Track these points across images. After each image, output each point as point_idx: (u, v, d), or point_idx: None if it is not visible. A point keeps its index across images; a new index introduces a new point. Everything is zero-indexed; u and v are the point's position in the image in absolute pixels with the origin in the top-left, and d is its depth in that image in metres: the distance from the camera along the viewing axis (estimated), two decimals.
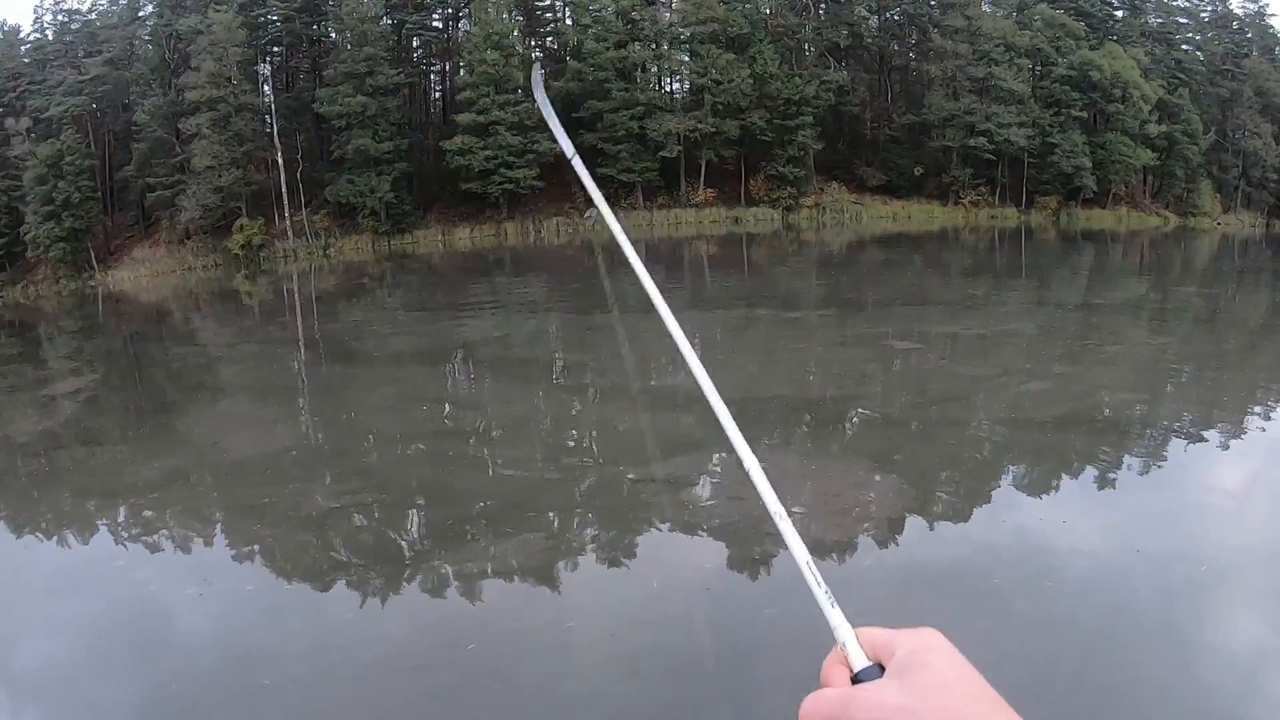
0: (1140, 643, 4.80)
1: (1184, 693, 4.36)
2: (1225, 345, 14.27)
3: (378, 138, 43.03)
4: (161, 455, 9.65)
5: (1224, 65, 57.10)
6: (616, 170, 44.89)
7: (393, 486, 8.11)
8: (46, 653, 5.36)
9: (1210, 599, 5.31)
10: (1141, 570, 5.67)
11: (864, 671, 0.79)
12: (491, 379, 13.36)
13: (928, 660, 0.73)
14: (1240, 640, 4.82)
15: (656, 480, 7.36)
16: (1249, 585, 5.50)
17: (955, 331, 15.01)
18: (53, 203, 42.05)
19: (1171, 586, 5.45)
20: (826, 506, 6.92)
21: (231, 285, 35.08)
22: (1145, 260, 33.17)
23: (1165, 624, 5.00)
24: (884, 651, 0.79)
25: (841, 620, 0.85)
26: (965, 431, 9.05)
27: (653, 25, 47.35)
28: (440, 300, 24.69)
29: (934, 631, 0.77)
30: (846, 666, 0.81)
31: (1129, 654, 4.69)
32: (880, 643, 0.80)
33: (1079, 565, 5.76)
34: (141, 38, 49.69)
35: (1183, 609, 5.16)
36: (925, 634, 0.77)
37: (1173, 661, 4.63)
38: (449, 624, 5.47)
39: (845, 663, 0.81)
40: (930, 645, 0.75)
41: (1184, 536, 6.29)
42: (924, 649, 0.75)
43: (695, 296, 22.35)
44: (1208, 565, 5.74)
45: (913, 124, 49.66)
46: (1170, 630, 4.93)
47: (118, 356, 19.99)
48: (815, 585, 0.91)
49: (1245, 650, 4.72)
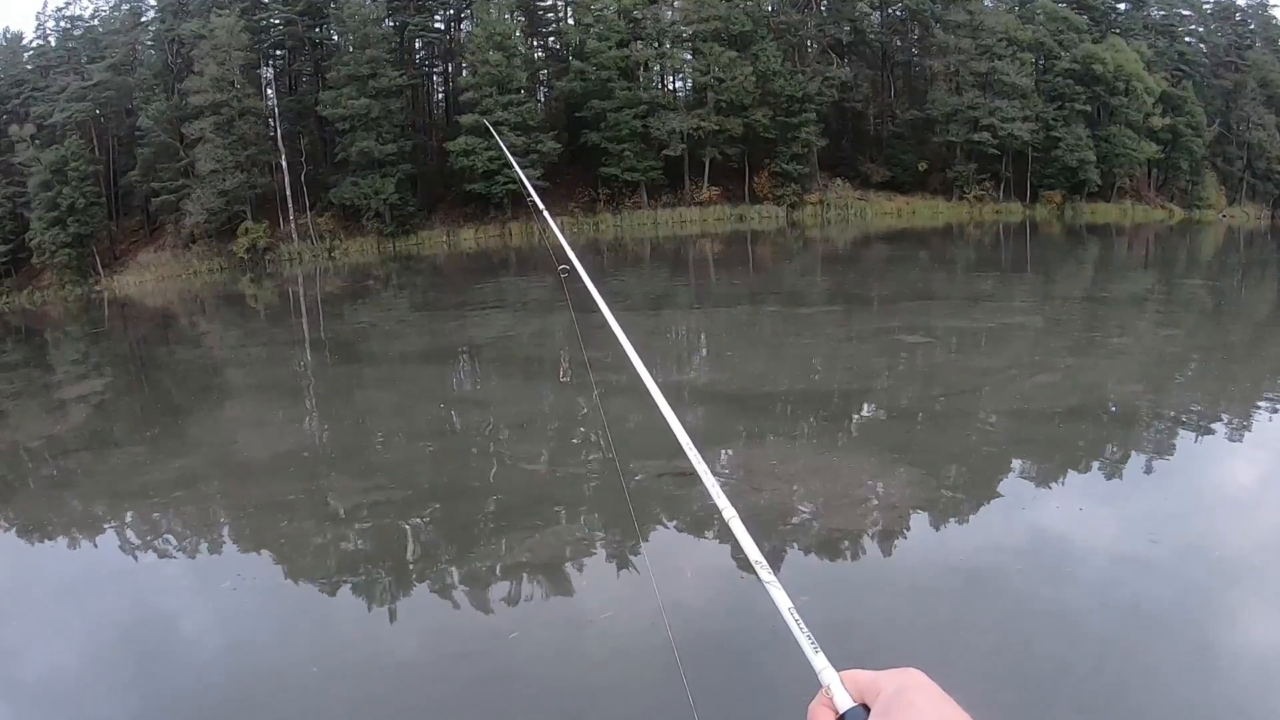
0: (1157, 627, 4.82)
1: (1197, 670, 4.38)
2: (1232, 337, 14.25)
3: (381, 139, 43.06)
4: (181, 455, 9.73)
5: (1227, 57, 56.91)
6: (620, 169, 44.88)
7: (416, 483, 8.18)
8: (95, 643, 5.50)
9: (1224, 583, 5.32)
10: (1157, 556, 5.68)
11: (850, 713, 0.80)
12: (502, 377, 13.39)
13: (911, 699, 0.74)
14: (1255, 623, 4.84)
15: (684, 474, 7.41)
16: (1262, 566, 5.51)
17: (963, 326, 15.01)
18: (57, 208, 42.15)
19: (1187, 573, 5.46)
20: (845, 497, 6.94)
21: (237, 288, 35.15)
22: (1150, 253, 33.11)
23: (1179, 610, 5.02)
24: (868, 692, 0.79)
25: (825, 664, 0.87)
26: (978, 423, 9.06)
27: (655, 24, 47.32)
28: (448, 300, 24.72)
29: (917, 671, 0.78)
30: (832, 709, 0.82)
31: (1146, 639, 4.71)
32: (864, 684, 0.81)
33: (1096, 552, 5.78)
34: (144, 43, 49.80)
35: (1197, 594, 5.18)
36: (908, 674, 0.78)
37: (1188, 644, 4.65)
38: (489, 615, 5.57)
39: (831, 705, 0.82)
40: (913, 684, 0.76)
41: (1196, 521, 6.31)
42: (907, 688, 0.76)
43: (703, 294, 22.37)
44: (1220, 551, 5.76)
45: (916, 120, 49.57)
46: (1185, 617, 4.95)
47: (128, 360, 20.06)
48: (798, 631, 0.94)
49: (1260, 635, 4.74)
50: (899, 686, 0.77)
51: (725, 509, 1.26)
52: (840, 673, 0.84)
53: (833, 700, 0.82)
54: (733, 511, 1.25)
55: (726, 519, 1.25)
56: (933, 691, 0.75)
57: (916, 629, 4.93)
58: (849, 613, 5.22)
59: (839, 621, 4.98)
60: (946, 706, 0.74)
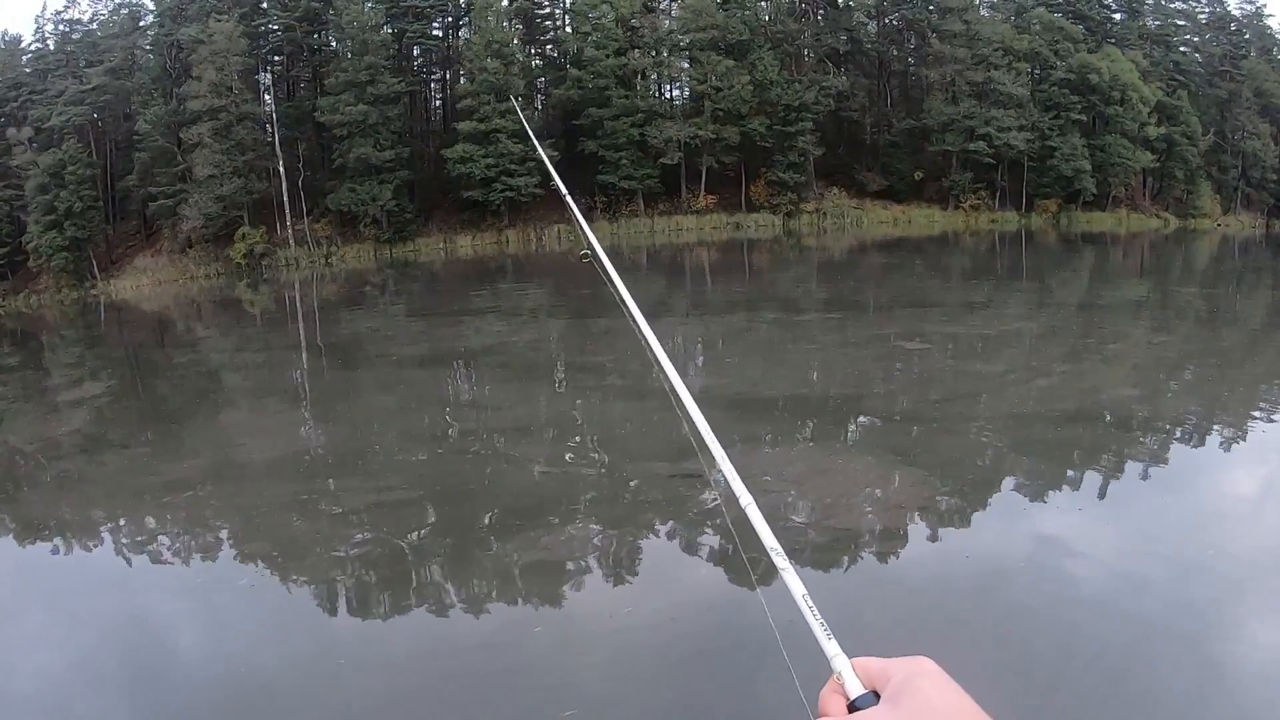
0: (1158, 624, 4.86)
1: (1196, 665, 4.41)
2: (1226, 343, 14.32)
3: (379, 146, 43.15)
4: (186, 457, 9.72)
5: (1222, 66, 57.27)
6: (617, 177, 45.01)
7: (425, 484, 8.24)
8: (120, 639, 5.54)
9: (1220, 581, 5.36)
10: (1154, 554, 5.73)
11: (860, 699, 0.81)
12: (503, 382, 13.40)
13: (920, 686, 0.76)
14: (1258, 626, 4.87)
15: (692, 475, 7.47)
16: (1264, 566, 5.55)
17: (960, 332, 15.06)
18: (55, 212, 42.16)
19: (1184, 573, 5.50)
20: (847, 500, 6.97)
21: (234, 294, 35.11)
22: (1146, 262, 33.23)
23: (1178, 604, 5.05)
24: (879, 679, 0.81)
25: (838, 651, 0.89)
26: (977, 428, 9.10)
27: (652, 32, 47.52)
28: (446, 307, 24.74)
29: (927, 659, 0.79)
30: (843, 695, 0.83)
31: (1148, 633, 4.74)
32: (875, 671, 0.82)
33: (1096, 552, 5.82)
34: (143, 47, 49.88)
35: (1196, 592, 5.22)
36: (918, 662, 0.79)
37: (1188, 638, 4.68)
38: (511, 609, 5.65)
39: (842, 691, 0.84)
40: (923, 672, 0.77)
41: (1193, 522, 6.36)
42: (917, 676, 0.77)
43: (700, 301, 22.42)
44: (1214, 549, 5.81)
45: (912, 129, 49.81)
46: (1185, 605, 4.98)
47: (126, 365, 20.04)
48: (812, 618, 0.96)
49: (1265, 639, 4.77)
50: (908, 674, 0.78)
51: (742, 495, 1.27)
52: (852, 659, 0.86)
53: (844, 686, 0.84)
54: (749, 498, 1.26)
55: (743, 505, 1.25)
56: (941, 679, 0.77)
57: (919, 621, 4.97)
58: (855, 605, 5.25)
59: (841, 614, 4.99)
60: (955, 694, 0.75)
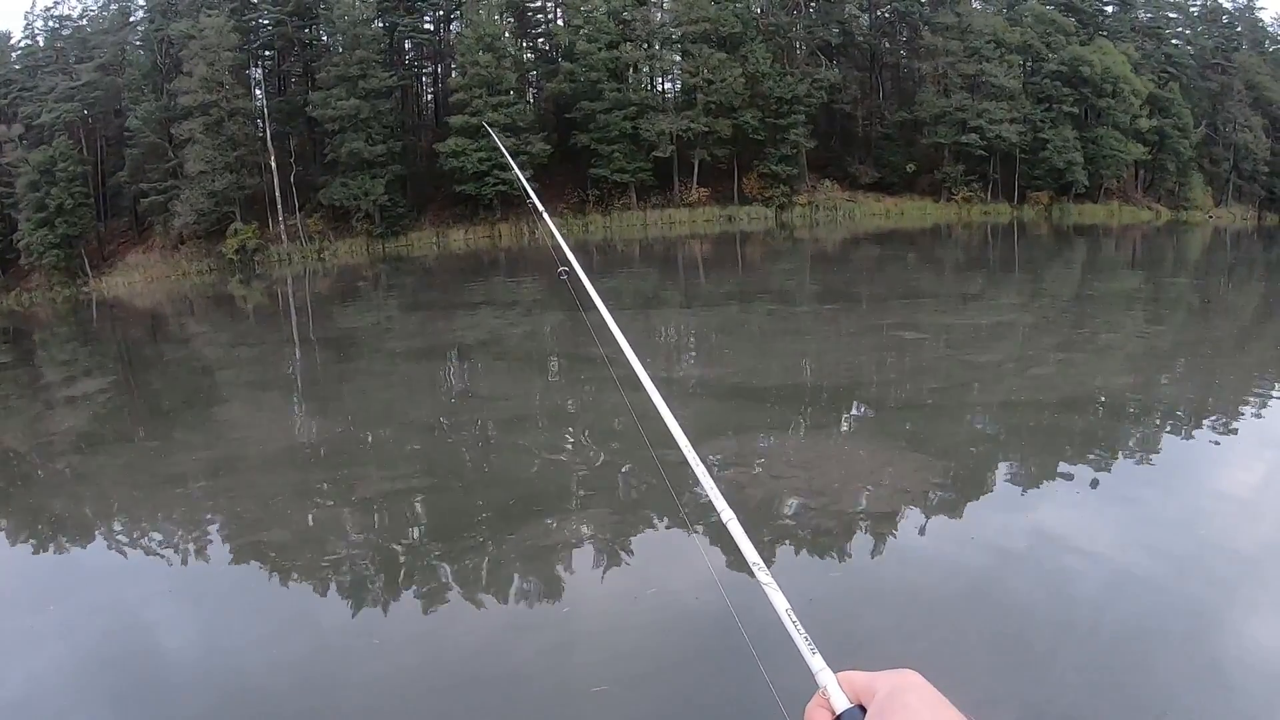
0: (1156, 616, 4.90)
1: (1196, 659, 4.45)
2: (1218, 333, 14.40)
3: (371, 140, 42.96)
4: (198, 449, 9.77)
5: (1214, 59, 57.34)
6: (610, 171, 44.92)
7: (438, 471, 8.32)
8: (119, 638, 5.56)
9: (1225, 578, 5.41)
10: (1150, 536, 5.78)
11: (846, 714, 0.81)
12: (513, 373, 13.41)
13: (906, 700, 0.76)
14: (1261, 618, 4.92)
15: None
16: (1262, 559, 5.60)
17: (954, 323, 15.12)
18: (46, 209, 41.88)
19: (1181, 552, 5.55)
20: (849, 485, 7.01)
21: (226, 290, 35.00)
22: (1138, 254, 33.33)
23: (1175, 592, 5.10)
24: (865, 693, 0.81)
25: (822, 665, 0.89)
26: (974, 414, 9.16)
27: (644, 25, 47.38)
28: (441, 300, 24.70)
29: (912, 673, 0.79)
30: (829, 710, 0.83)
31: (1146, 629, 4.79)
32: (861, 685, 0.82)
33: (1094, 533, 5.87)
34: (133, 43, 49.52)
35: (1194, 576, 5.27)
36: (904, 675, 0.79)
37: (1186, 628, 4.72)
38: (540, 592, 5.73)
39: (828, 706, 0.84)
40: (909, 685, 0.77)
41: (1183, 510, 6.42)
42: (903, 690, 0.77)
43: (694, 294, 22.43)
44: (1205, 529, 5.88)
45: (904, 121, 49.78)
46: (1182, 595, 5.03)
47: (120, 362, 19.98)
48: (796, 633, 0.97)
49: (1268, 634, 4.81)
50: (894, 687, 0.77)
51: (723, 511, 1.26)
52: (837, 674, 0.86)
53: (829, 701, 0.84)
54: (731, 514, 1.23)
55: (724, 521, 1.22)
56: (927, 693, 0.76)
57: (919, 614, 5.00)
58: (853, 599, 5.29)
59: (839, 612, 5.03)
60: (941, 707, 0.74)
